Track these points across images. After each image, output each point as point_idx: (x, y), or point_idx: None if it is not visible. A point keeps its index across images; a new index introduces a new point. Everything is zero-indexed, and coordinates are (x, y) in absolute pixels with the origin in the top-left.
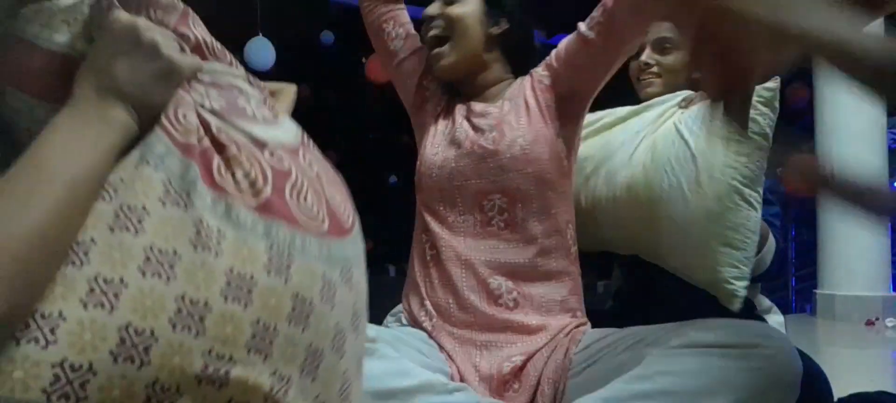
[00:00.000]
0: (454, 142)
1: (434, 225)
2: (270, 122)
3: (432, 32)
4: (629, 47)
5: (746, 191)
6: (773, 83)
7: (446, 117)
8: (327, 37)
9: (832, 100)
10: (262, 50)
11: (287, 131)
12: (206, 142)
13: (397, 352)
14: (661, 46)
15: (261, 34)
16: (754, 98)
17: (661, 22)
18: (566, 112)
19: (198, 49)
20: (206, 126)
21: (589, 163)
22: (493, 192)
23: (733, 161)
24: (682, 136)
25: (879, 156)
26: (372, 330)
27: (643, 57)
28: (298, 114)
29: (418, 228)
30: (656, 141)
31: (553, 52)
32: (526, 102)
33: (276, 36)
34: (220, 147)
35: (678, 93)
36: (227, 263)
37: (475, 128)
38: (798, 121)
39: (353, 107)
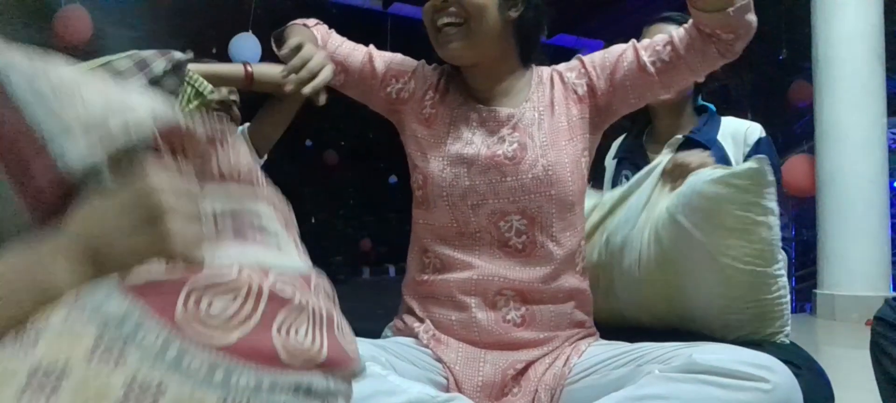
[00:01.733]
0: (465, 155)
1: (439, 245)
2: (282, 251)
3: (446, 19)
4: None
5: (771, 268)
6: (764, 168)
7: (447, 122)
8: None
9: (832, 100)
10: (247, 45)
11: (298, 260)
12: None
13: (384, 369)
14: None
15: (250, 30)
16: (747, 181)
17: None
18: (596, 124)
19: (220, 177)
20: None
21: (602, 274)
22: (512, 213)
23: (750, 249)
24: (686, 230)
25: (879, 156)
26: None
27: None
28: (300, 115)
29: (417, 242)
30: (661, 237)
31: (590, 60)
32: (554, 112)
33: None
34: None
35: (653, 166)
36: None
37: (492, 136)
38: (799, 120)
39: (353, 107)
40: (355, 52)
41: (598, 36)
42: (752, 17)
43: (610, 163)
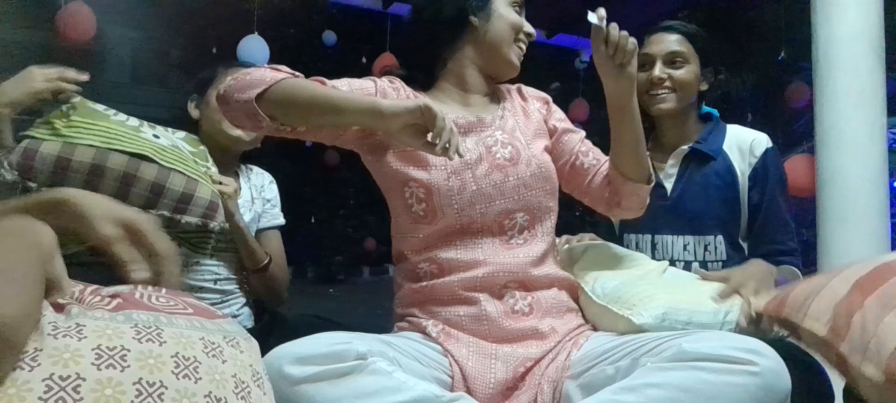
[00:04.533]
0: (468, 161)
1: (440, 251)
2: None
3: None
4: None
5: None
6: None
7: None
8: (329, 37)
9: (832, 100)
10: (255, 47)
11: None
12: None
13: (390, 365)
14: (672, 60)
15: (256, 32)
16: None
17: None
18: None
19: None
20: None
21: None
22: (517, 211)
23: None
24: None
25: (879, 156)
26: (364, 344)
27: (656, 71)
28: None
29: (409, 258)
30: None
31: (554, 108)
32: (529, 118)
33: (277, 36)
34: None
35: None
36: (93, 343)
37: (485, 140)
38: (798, 120)
39: None
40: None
41: None
42: (645, 204)
43: None
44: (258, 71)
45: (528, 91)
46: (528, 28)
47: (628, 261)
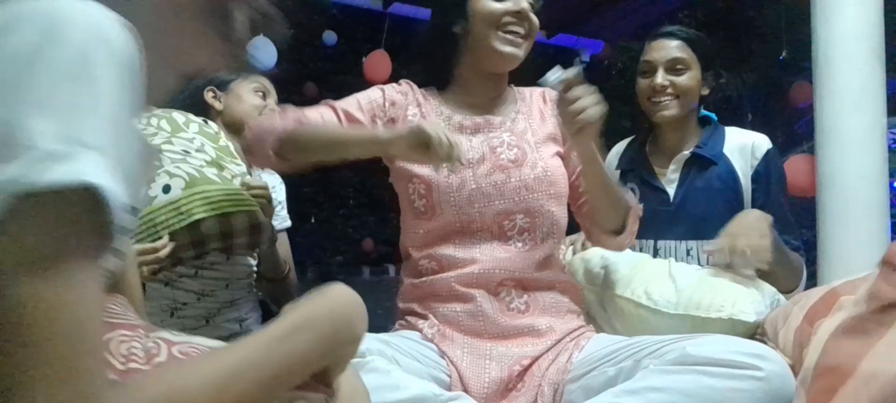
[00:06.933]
0: (470, 160)
1: (439, 247)
2: None
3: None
4: None
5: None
6: None
7: None
8: (329, 37)
9: (832, 100)
10: (264, 50)
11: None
12: None
13: (389, 364)
14: (673, 67)
15: (262, 34)
16: None
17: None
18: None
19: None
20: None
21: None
22: (516, 213)
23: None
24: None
25: (879, 156)
26: (362, 343)
27: (658, 78)
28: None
29: (412, 254)
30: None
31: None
32: (545, 120)
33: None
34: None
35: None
36: None
37: (491, 141)
38: (799, 120)
39: None
40: (327, 113)
41: (598, 36)
42: (622, 248)
43: (611, 170)
44: (267, 122)
45: (551, 95)
46: (511, 6)
47: (641, 262)
